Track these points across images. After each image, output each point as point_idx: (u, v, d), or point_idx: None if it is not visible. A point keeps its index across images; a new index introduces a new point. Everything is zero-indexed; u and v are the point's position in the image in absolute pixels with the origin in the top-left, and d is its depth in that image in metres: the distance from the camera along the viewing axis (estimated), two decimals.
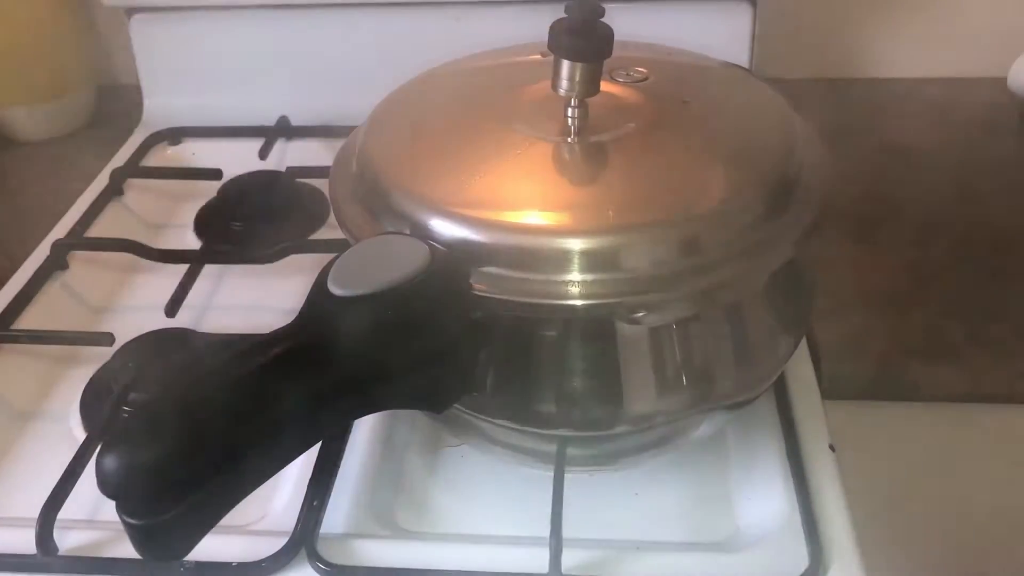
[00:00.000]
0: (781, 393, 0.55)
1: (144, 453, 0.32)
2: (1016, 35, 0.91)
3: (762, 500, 0.51)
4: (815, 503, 0.49)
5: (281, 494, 0.52)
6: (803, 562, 0.46)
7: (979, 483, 0.69)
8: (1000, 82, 0.90)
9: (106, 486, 0.32)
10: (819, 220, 0.46)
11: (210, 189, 0.78)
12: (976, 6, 0.92)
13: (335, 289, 0.38)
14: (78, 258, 0.71)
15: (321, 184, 0.78)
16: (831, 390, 0.60)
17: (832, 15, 0.94)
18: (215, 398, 0.35)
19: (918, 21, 0.93)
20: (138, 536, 0.34)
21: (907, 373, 0.61)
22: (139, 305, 0.69)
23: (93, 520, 0.52)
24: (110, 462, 0.32)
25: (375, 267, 0.39)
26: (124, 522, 0.34)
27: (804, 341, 0.58)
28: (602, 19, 0.45)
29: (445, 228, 0.43)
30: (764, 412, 0.55)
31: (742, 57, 0.82)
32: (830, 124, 0.87)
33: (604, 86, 0.47)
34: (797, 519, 0.49)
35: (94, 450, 0.53)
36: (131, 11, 0.86)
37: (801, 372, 0.57)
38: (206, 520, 0.36)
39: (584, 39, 0.45)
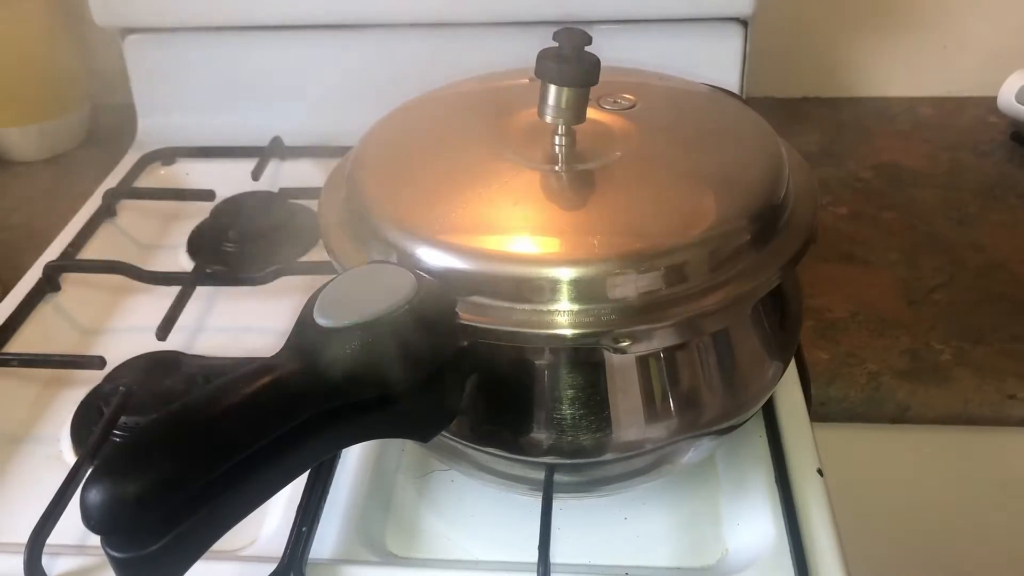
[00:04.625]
0: (770, 417, 0.55)
1: (128, 487, 0.32)
2: (1006, 55, 0.92)
3: (751, 525, 0.51)
4: (803, 528, 0.50)
5: (270, 519, 0.52)
6: None
7: (968, 506, 0.69)
8: (990, 101, 0.91)
9: (90, 521, 0.33)
10: (806, 247, 0.46)
11: (203, 210, 0.78)
12: (966, 26, 0.93)
13: (321, 320, 0.38)
14: (70, 280, 0.71)
15: (313, 205, 0.78)
16: (820, 413, 0.61)
17: (823, 35, 0.95)
18: (201, 430, 0.35)
19: (909, 41, 0.94)
20: (123, 569, 0.34)
21: (896, 396, 0.61)
22: (131, 327, 0.69)
23: (82, 546, 0.52)
24: (94, 496, 0.32)
25: (361, 297, 0.39)
26: (109, 556, 0.34)
27: (792, 365, 0.59)
28: (589, 46, 0.45)
29: (431, 257, 0.43)
30: (753, 436, 0.55)
31: (733, 77, 0.83)
32: (821, 144, 0.88)
33: (591, 113, 0.48)
34: (785, 544, 0.49)
35: (84, 474, 0.53)
36: (125, 31, 0.86)
37: (790, 396, 0.58)
38: (192, 552, 0.36)
39: (571, 65, 0.45)
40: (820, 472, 0.52)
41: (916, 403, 0.61)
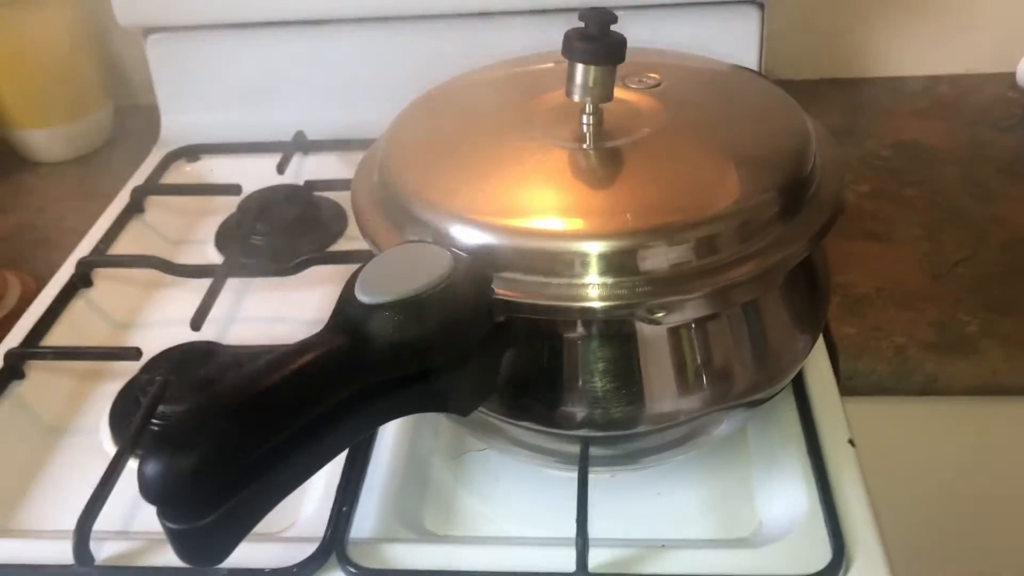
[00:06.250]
0: (799, 390, 0.56)
1: (184, 459, 0.33)
2: (1023, 31, 0.92)
3: (784, 496, 0.52)
4: (836, 498, 0.50)
5: (310, 501, 0.53)
6: (826, 556, 0.47)
7: (998, 474, 0.70)
8: (1009, 77, 0.91)
9: (148, 492, 0.33)
10: (834, 219, 0.46)
11: (230, 204, 0.79)
12: (983, 3, 0.93)
13: (362, 297, 0.39)
14: (102, 275, 0.72)
15: (338, 196, 0.79)
16: (848, 387, 0.61)
17: (839, 16, 0.95)
18: (250, 405, 0.36)
19: (925, 19, 0.94)
20: (178, 541, 0.35)
21: (923, 368, 0.62)
22: (164, 320, 0.70)
23: (127, 531, 0.53)
24: (151, 468, 0.33)
25: (400, 275, 0.40)
26: (165, 527, 0.35)
27: (821, 338, 0.59)
28: (614, 25, 0.46)
29: (466, 235, 0.44)
30: (783, 409, 0.55)
31: (751, 59, 0.83)
32: (841, 124, 0.88)
33: (618, 92, 0.48)
34: (819, 514, 0.49)
35: (125, 463, 0.54)
36: (147, 31, 0.88)
37: (819, 369, 0.58)
38: (243, 525, 0.37)
39: (598, 43, 0.46)
40: (851, 442, 0.53)
41: (944, 375, 0.62)
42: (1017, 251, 0.70)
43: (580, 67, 0.46)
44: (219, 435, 0.34)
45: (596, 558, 0.47)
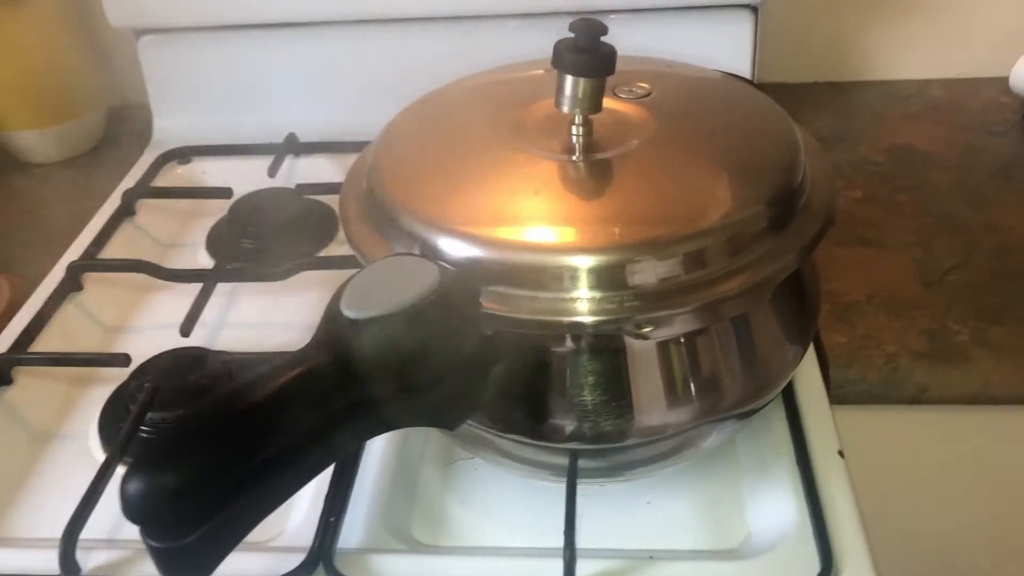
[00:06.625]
0: (790, 400, 0.56)
1: (167, 478, 0.33)
2: (1017, 35, 0.92)
3: (773, 507, 0.52)
4: (826, 509, 0.50)
5: (298, 511, 0.53)
6: (815, 567, 0.47)
7: (989, 485, 0.70)
8: (1002, 82, 0.91)
9: (131, 512, 0.33)
10: (823, 231, 0.46)
11: (221, 207, 0.79)
12: (976, 7, 0.93)
13: (348, 312, 0.39)
14: (93, 279, 0.71)
15: (330, 200, 0.79)
16: (838, 396, 0.61)
17: (834, 19, 0.95)
18: (235, 423, 0.35)
19: (919, 23, 0.94)
20: (162, 559, 0.35)
21: (914, 377, 0.62)
22: (154, 325, 0.69)
23: (114, 540, 0.53)
24: (133, 488, 0.33)
25: (387, 288, 0.40)
26: (148, 546, 0.35)
27: (811, 348, 0.59)
28: (604, 36, 0.46)
29: (454, 248, 0.43)
30: (773, 420, 0.55)
31: (745, 64, 0.83)
32: (834, 128, 0.88)
33: (607, 103, 0.48)
34: (808, 525, 0.49)
35: (114, 470, 0.54)
36: (139, 32, 0.87)
37: (809, 379, 0.58)
38: (228, 541, 0.37)
39: (588, 56, 0.45)
40: (841, 454, 0.53)
41: (935, 384, 0.62)
42: (1009, 258, 0.70)
43: (569, 79, 0.46)
44: (201, 455, 0.34)
45: (584, 569, 0.47)
